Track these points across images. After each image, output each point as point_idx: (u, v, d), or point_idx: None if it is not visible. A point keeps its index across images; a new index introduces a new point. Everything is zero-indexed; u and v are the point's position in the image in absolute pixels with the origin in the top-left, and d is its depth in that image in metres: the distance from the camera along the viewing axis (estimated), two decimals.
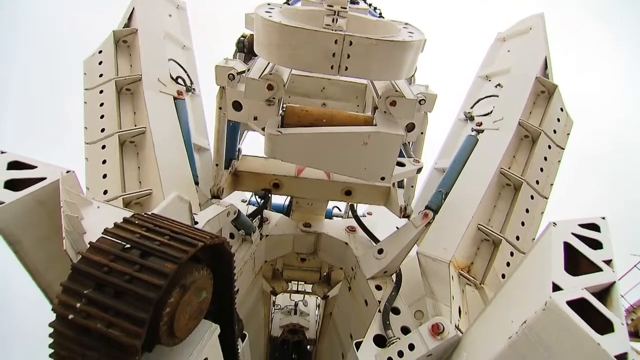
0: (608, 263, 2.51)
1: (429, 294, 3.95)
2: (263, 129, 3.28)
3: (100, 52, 5.24)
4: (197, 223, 3.39)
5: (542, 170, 4.87)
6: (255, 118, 3.65)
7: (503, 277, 4.13)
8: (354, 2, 4.46)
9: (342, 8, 3.02)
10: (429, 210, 4.03)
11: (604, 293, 2.37)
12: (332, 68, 2.82)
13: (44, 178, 2.67)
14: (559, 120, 5.16)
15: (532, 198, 4.69)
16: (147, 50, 5.25)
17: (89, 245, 1.88)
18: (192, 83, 5.68)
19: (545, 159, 4.93)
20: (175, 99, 5.17)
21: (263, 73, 3.34)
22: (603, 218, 2.86)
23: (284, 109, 3.21)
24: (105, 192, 4.21)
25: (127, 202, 4.10)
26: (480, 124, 5.33)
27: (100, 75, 5.04)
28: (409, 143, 4.42)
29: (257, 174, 4.71)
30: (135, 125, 4.75)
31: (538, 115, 5.16)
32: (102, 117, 4.75)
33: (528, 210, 4.63)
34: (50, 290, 2.80)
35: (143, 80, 4.97)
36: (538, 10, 6.10)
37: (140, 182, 4.45)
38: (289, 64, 3.16)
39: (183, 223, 2.19)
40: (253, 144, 5.08)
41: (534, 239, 4.45)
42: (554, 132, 5.06)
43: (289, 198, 5.48)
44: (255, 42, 3.15)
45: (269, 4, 3.05)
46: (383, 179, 3.31)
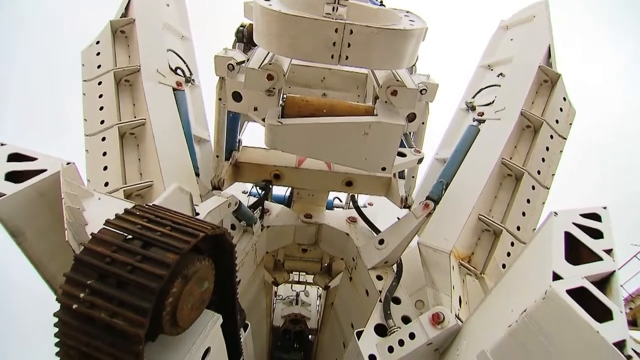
0: (609, 252, 2.51)
1: (430, 284, 3.98)
2: (263, 120, 3.26)
3: (98, 42, 5.19)
4: (198, 214, 3.39)
5: (543, 161, 4.85)
6: (256, 109, 3.62)
7: (503, 267, 4.15)
8: None
9: None
10: (430, 201, 4.03)
11: (604, 282, 2.38)
12: (332, 57, 2.79)
13: (45, 170, 2.67)
14: (562, 110, 5.12)
15: (533, 188, 4.69)
16: (145, 41, 5.19)
17: (91, 237, 1.89)
18: (191, 74, 5.63)
19: (547, 149, 4.90)
20: (175, 90, 5.13)
21: (263, 63, 3.30)
22: (604, 208, 2.86)
23: (284, 100, 3.18)
24: (106, 184, 4.21)
25: (128, 194, 4.11)
26: (482, 114, 5.29)
27: (99, 67, 5.00)
28: (410, 133, 4.39)
29: (257, 165, 4.71)
30: (135, 117, 4.73)
31: (540, 105, 5.11)
32: (101, 108, 4.73)
33: (529, 201, 4.63)
34: (54, 281, 2.83)
35: (142, 71, 4.93)
36: None
37: (141, 174, 4.45)
38: (289, 54, 3.12)
39: (184, 214, 2.19)
40: (253, 136, 5.06)
41: (535, 229, 4.45)
42: (556, 122, 5.02)
43: (290, 189, 5.48)
44: (255, 31, 3.11)
45: None
46: (384, 170, 3.30)
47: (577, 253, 2.49)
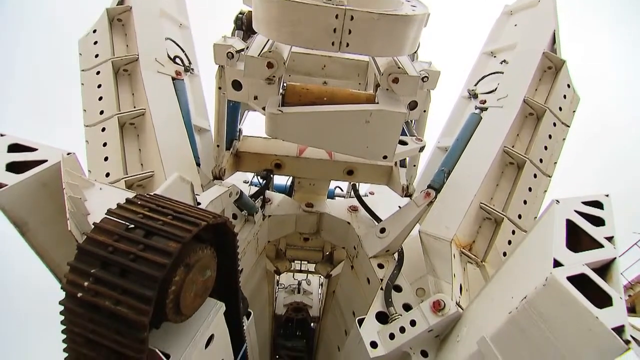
0: (610, 240, 2.51)
1: (431, 272, 4.01)
2: (263, 109, 3.23)
3: (95, 31, 5.12)
4: (199, 204, 3.40)
5: (546, 149, 4.82)
6: (256, 97, 3.59)
7: (504, 255, 4.17)
8: None
9: None
10: (431, 190, 4.03)
11: (605, 269, 2.38)
12: (333, 44, 2.74)
13: (45, 160, 2.67)
14: (565, 97, 5.05)
15: (535, 176, 4.67)
16: (142, 29, 5.12)
17: (93, 226, 1.89)
18: (190, 63, 5.57)
19: (550, 137, 4.86)
20: (174, 80, 5.09)
21: (262, 50, 3.26)
22: (607, 195, 2.85)
23: (285, 88, 3.15)
24: (108, 174, 4.21)
25: (129, 184, 4.11)
26: (484, 102, 5.24)
27: (96, 56, 4.94)
28: (412, 121, 4.36)
29: (258, 155, 4.69)
30: (135, 107, 4.70)
31: (544, 92, 5.05)
32: (100, 99, 4.70)
33: (531, 189, 4.62)
34: (59, 271, 2.86)
35: (140, 61, 4.88)
36: None
37: (142, 164, 4.45)
38: (289, 41, 3.07)
39: (185, 203, 2.20)
40: (254, 125, 5.04)
41: (536, 218, 4.46)
42: (560, 109, 4.97)
43: (291, 178, 5.48)
44: (254, 18, 3.06)
45: None
46: (385, 158, 3.29)
47: (578, 240, 2.49)
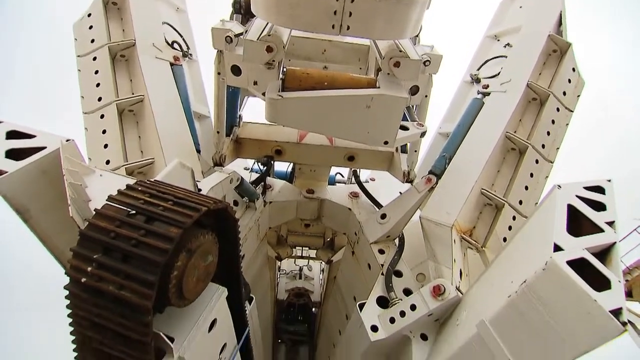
0: (611, 224, 2.52)
1: (431, 257, 4.04)
2: (263, 94, 3.19)
3: (90, 15, 5.02)
4: (200, 190, 3.40)
5: (548, 134, 4.77)
6: (255, 83, 3.54)
7: (504, 240, 4.19)
8: None
9: None
10: (432, 175, 4.02)
11: (605, 253, 2.39)
12: (333, 27, 2.69)
13: (44, 147, 2.66)
14: (570, 82, 4.97)
15: (536, 162, 4.65)
16: (138, 13, 5.02)
17: (95, 212, 1.90)
18: (188, 48, 5.48)
19: (553, 122, 4.82)
20: (172, 65, 5.01)
21: (262, 34, 3.19)
22: (609, 180, 2.84)
23: (284, 73, 3.11)
24: (108, 162, 4.20)
25: (129, 171, 4.11)
26: (487, 87, 5.17)
27: (92, 41, 4.85)
28: (413, 106, 4.31)
29: (259, 141, 4.67)
30: (133, 93, 4.65)
31: (548, 76, 4.97)
32: (97, 85, 4.64)
33: (532, 175, 4.60)
34: (63, 257, 2.89)
35: (137, 46, 4.80)
36: None
37: (142, 151, 4.43)
38: (289, 24, 3.01)
39: (186, 189, 2.20)
40: (254, 111, 4.99)
41: (537, 203, 4.46)
42: (564, 94, 4.90)
43: (292, 165, 5.47)
44: (253, 1, 3.00)
45: None
46: (386, 143, 3.26)
47: (579, 225, 2.49)
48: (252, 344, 3.41)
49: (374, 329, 3.38)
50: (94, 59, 4.78)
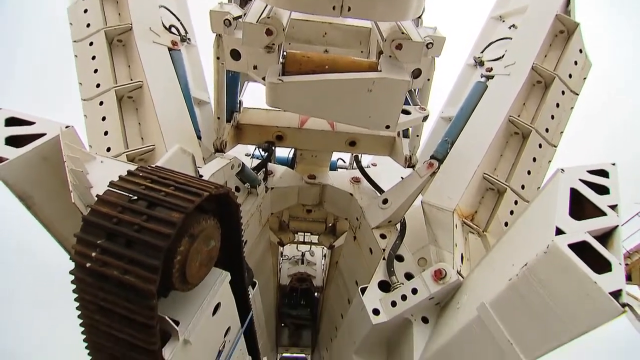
0: (613, 208, 2.51)
1: (433, 242, 4.05)
2: (263, 79, 3.15)
3: None
4: (201, 176, 3.40)
5: (552, 118, 4.71)
6: (255, 67, 3.49)
7: (506, 225, 4.19)
8: None
9: None
10: (434, 160, 3.99)
11: (607, 237, 2.39)
12: (334, 9, 2.62)
13: (44, 134, 2.65)
14: (576, 64, 4.87)
15: (540, 147, 4.60)
16: None
17: (97, 198, 1.90)
18: (186, 32, 5.37)
19: (557, 106, 4.74)
20: (171, 50, 4.93)
21: (261, 17, 3.12)
22: (613, 164, 2.81)
23: (285, 56, 3.05)
24: (109, 149, 4.19)
25: (130, 158, 4.10)
26: (491, 70, 5.08)
27: (88, 25, 4.75)
28: (415, 90, 4.25)
29: (260, 127, 4.64)
30: (131, 80, 4.59)
31: (554, 59, 4.86)
32: (95, 71, 4.58)
33: (535, 159, 4.57)
34: (67, 243, 2.91)
35: (134, 30, 4.71)
36: None
37: (142, 138, 4.41)
38: (288, 6, 2.95)
39: (187, 174, 2.19)
40: (254, 96, 4.94)
41: (540, 188, 4.44)
42: (570, 76, 4.80)
43: (293, 150, 5.45)
44: None
45: None
46: (388, 128, 3.23)
47: (582, 209, 2.49)
48: (255, 328, 3.47)
49: (376, 312, 3.43)
50: (91, 44, 4.69)
